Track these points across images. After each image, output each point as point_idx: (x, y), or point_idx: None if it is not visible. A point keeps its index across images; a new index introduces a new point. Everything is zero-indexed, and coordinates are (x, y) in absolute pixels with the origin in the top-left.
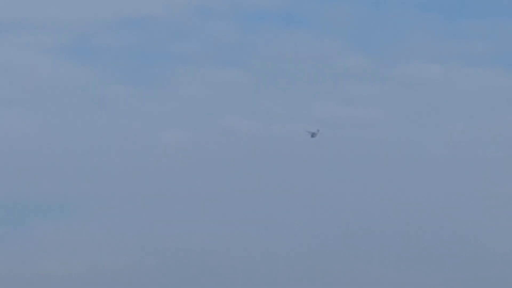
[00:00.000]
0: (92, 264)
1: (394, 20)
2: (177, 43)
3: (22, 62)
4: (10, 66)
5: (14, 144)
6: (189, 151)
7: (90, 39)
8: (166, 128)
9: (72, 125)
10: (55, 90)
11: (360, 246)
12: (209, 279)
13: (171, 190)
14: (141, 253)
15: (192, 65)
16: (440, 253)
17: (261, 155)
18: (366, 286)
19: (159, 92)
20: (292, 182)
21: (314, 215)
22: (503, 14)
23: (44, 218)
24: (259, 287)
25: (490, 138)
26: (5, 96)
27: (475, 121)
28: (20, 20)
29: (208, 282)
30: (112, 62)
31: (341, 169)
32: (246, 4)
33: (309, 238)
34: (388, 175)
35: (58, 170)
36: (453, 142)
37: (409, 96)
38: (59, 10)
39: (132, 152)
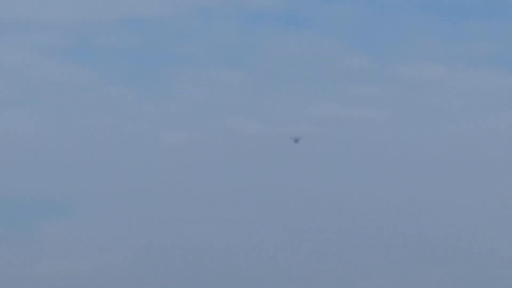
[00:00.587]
0: (95, 264)
1: (396, 21)
2: (179, 44)
3: (24, 63)
4: (11, 67)
5: (16, 144)
6: (192, 152)
7: (91, 40)
8: (168, 129)
9: (74, 126)
10: (57, 91)
11: (362, 247)
12: (212, 278)
13: (174, 191)
14: (144, 253)
15: (194, 66)
16: (441, 254)
17: (263, 155)
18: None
19: (161, 93)
20: (294, 182)
21: (316, 215)
22: (507, 14)
23: (46, 219)
24: (259, 287)
25: (493, 139)
26: (6, 97)
27: (478, 121)
28: (21, 21)
29: (211, 281)
30: (114, 63)
31: (343, 169)
32: (248, 5)
33: (312, 238)
34: (391, 176)
35: (60, 170)
36: (456, 143)
37: (411, 97)
38: (60, 10)
39: (134, 152)
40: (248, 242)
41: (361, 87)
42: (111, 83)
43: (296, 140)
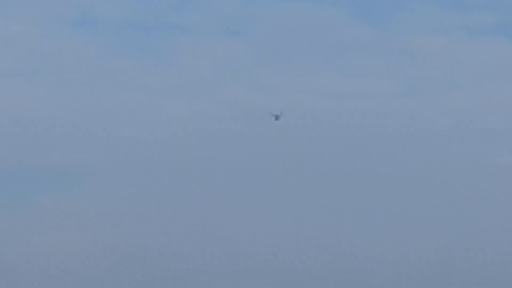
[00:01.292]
0: (96, 235)
1: None
2: (179, 15)
3: (26, 34)
4: (14, 38)
5: (19, 115)
6: (192, 122)
7: (91, 11)
8: (168, 99)
9: (75, 96)
10: (58, 62)
11: (361, 217)
12: (212, 242)
13: (174, 161)
14: (144, 223)
15: (195, 36)
16: (440, 225)
17: (263, 126)
18: (363, 270)
19: (161, 63)
20: (295, 152)
21: (316, 184)
22: None
23: (47, 190)
24: (267, 264)
25: (493, 110)
26: (9, 68)
27: (478, 92)
28: None
29: (212, 246)
30: (113, 34)
31: (343, 141)
32: None
33: (313, 207)
34: (391, 146)
35: (61, 141)
36: (456, 113)
37: (412, 68)
38: None
39: (135, 123)
40: (249, 216)
41: (361, 58)
42: (112, 54)
43: (276, 118)
